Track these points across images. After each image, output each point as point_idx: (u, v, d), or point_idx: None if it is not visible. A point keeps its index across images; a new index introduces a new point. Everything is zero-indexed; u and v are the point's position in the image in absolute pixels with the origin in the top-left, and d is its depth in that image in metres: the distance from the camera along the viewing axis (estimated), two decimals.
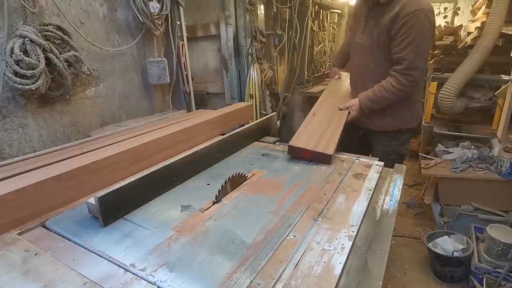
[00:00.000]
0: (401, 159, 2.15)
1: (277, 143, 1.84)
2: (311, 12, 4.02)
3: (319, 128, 1.73)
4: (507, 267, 2.02)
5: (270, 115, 2.09)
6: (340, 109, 2.02)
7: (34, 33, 1.69)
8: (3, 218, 0.99)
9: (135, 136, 1.77)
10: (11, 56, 1.64)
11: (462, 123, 3.50)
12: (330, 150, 1.50)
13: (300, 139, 1.59)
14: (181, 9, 2.72)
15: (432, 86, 3.27)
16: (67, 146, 1.78)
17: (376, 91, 1.93)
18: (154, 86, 2.70)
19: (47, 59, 1.75)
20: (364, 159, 1.56)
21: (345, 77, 2.60)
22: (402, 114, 2.04)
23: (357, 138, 2.27)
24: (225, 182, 1.21)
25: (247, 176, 1.35)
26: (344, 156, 1.60)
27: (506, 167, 2.52)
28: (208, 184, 1.31)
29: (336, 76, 2.66)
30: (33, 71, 1.68)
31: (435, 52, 4.16)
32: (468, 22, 4.55)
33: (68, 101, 2.09)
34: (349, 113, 2.00)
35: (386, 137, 2.11)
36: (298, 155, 1.54)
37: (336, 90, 2.42)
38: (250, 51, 3.10)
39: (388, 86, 1.88)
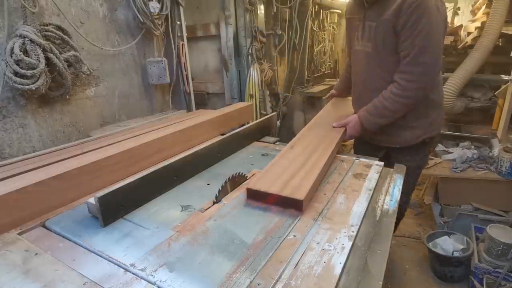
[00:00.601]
0: (421, 169, 1.98)
1: (277, 143, 1.84)
2: (311, 12, 4.02)
3: (294, 164, 1.32)
4: (507, 267, 2.02)
5: (270, 115, 2.09)
6: (334, 127, 1.75)
7: (34, 33, 1.69)
8: (3, 218, 0.99)
9: (135, 136, 1.77)
10: (11, 56, 1.64)
11: (462, 123, 3.51)
12: (301, 194, 1.08)
13: (263, 180, 1.18)
14: (181, 9, 2.72)
15: None
16: (67, 146, 1.78)
17: (376, 102, 1.68)
18: (154, 86, 2.71)
19: (47, 59, 1.75)
20: (364, 159, 1.55)
21: (342, 102, 2.30)
22: (421, 122, 1.76)
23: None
24: (225, 182, 1.21)
25: (247, 176, 1.35)
26: (344, 156, 1.60)
27: (506, 167, 2.52)
28: (208, 184, 1.31)
29: (330, 98, 2.40)
30: (33, 71, 1.68)
31: None
32: (468, 22, 4.54)
33: (68, 101, 2.09)
34: (345, 131, 1.74)
35: (410, 152, 1.84)
36: (260, 200, 1.14)
37: (326, 117, 2.02)
38: (250, 51, 3.10)
39: (387, 93, 1.63)
